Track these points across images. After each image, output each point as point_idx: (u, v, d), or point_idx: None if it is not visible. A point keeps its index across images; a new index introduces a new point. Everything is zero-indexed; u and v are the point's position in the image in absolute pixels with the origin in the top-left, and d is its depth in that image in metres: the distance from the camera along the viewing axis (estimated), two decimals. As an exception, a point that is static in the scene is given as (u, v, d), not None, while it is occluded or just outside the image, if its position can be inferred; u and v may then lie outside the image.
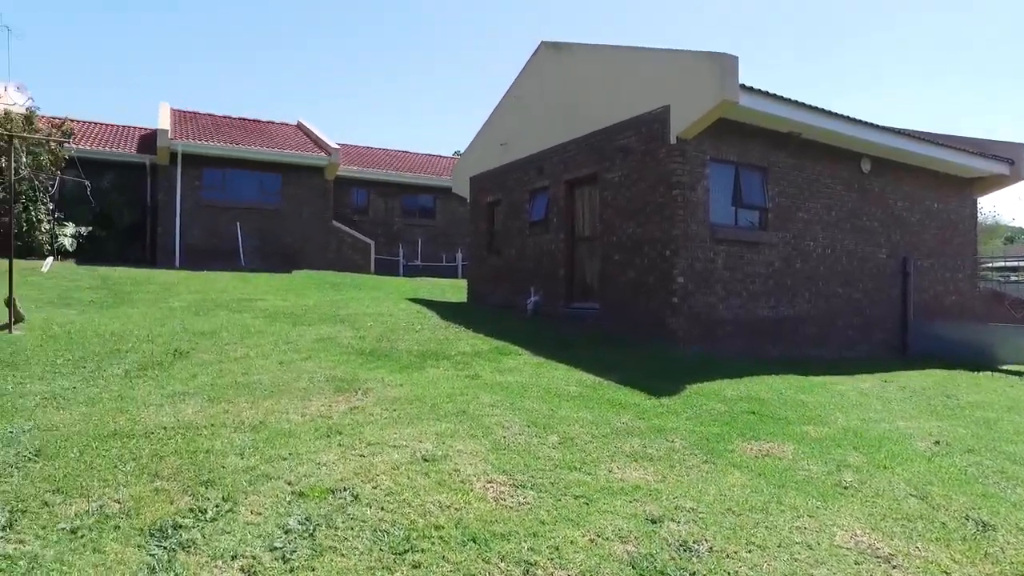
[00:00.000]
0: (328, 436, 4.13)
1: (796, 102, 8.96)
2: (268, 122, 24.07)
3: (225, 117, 23.28)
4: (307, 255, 20.12)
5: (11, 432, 4.02)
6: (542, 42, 12.42)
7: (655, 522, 3.21)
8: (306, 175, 20.44)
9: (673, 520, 3.25)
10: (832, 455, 4.47)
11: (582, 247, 11.02)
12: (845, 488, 3.88)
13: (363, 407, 4.83)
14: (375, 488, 3.37)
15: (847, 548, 3.11)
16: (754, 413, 5.49)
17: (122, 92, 75.68)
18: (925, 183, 11.69)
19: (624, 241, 9.56)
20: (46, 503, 3.09)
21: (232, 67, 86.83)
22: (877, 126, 10.15)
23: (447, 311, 10.97)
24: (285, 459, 3.71)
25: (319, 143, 21.62)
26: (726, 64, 7.93)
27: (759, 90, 8.49)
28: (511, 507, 3.28)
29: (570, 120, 11.04)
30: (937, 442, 5.00)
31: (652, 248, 8.97)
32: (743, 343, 9.05)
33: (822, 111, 9.32)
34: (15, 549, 2.69)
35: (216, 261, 18.42)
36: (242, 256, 19.29)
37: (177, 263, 18.17)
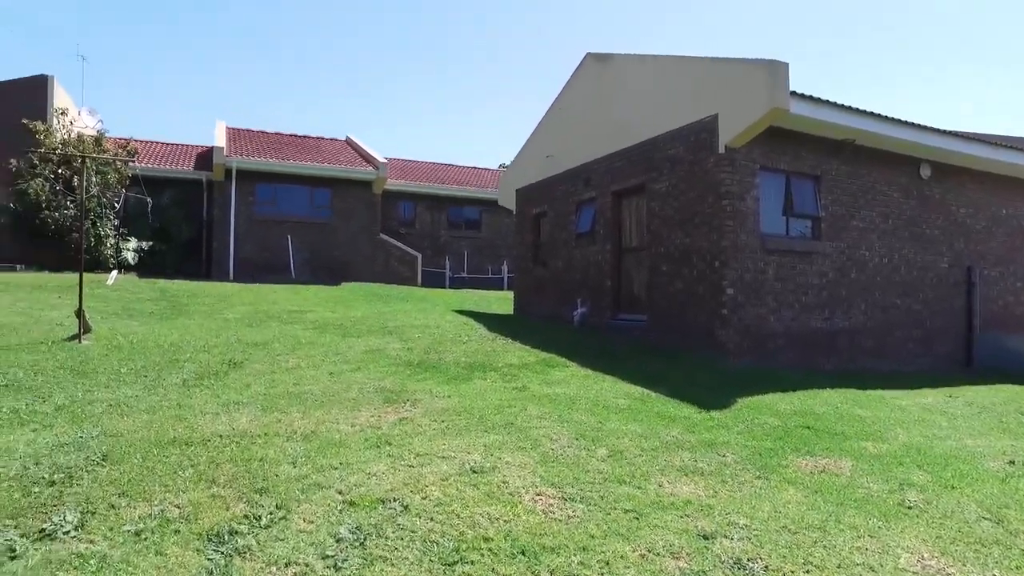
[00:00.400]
0: (378, 446, 4.19)
1: (851, 108, 8.72)
2: (318, 138, 24.71)
3: (277, 134, 24.01)
4: (355, 268, 20.51)
5: (81, 437, 4.21)
6: (587, 54, 12.43)
7: (707, 538, 3.14)
8: (354, 189, 20.88)
9: (726, 537, 3.17)
10: (894, 473, 4.30)
11: (629, 258, 10.93)
12: (909, 508, 3.71)
13: (412, 418, 4.88)
14: (424, 499, 3.39)
15: (913, 572, 2.97)
16: (809, 428, 5.33)
17: (181, 111, 78.88)
18: (991, 188, 11.19)
19: (672, 252, 9.44)
20: (113, 506, 3.21)
21: (284, 84, 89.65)
22: (938, 130, 9.79)
23: (493, 323, 11.01)
24: (336, 468, 3.77)
25: (367, 157, 22.08)
26: (776, 71, 7.79)
27: (811, 96, 8.30)
28: (560, 520, 3.25)
29: (616, 131, 11.00)
30: (1012, 462, 4.75)
31: (701, 259, 8.83)
32: (795, 356, 8.81)
33: (878, 116, 9.03)
34: (86, 548, 2.80)
35: (268, 274, 18.96)
36: (293, 269, 19.79)
37: (231, 276, 18.75)
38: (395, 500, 3.35)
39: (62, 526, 2.96)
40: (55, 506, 3.18)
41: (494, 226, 25.28)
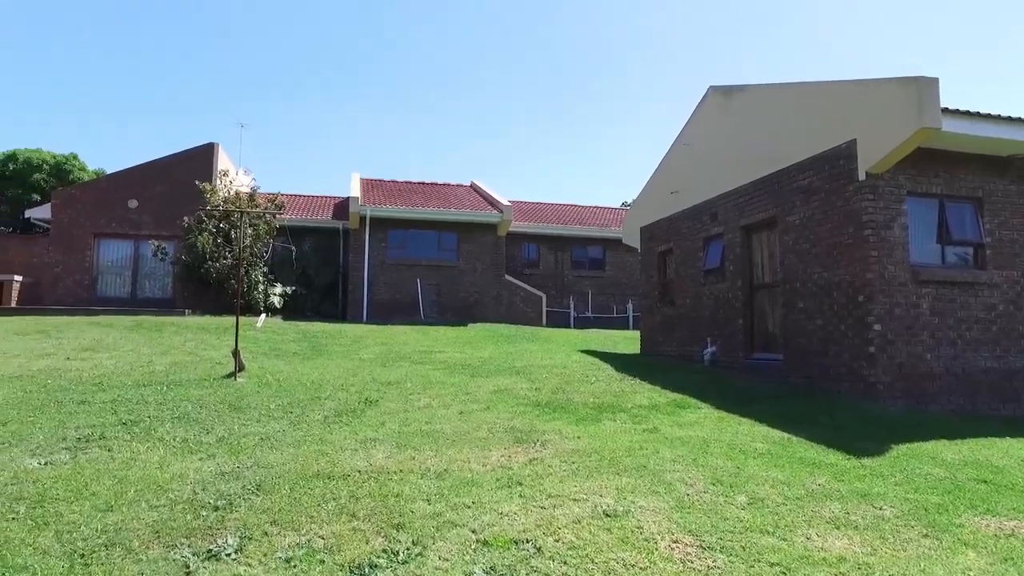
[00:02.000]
0: (509, 486, 4.20)
1: (1018, 119, 7.87)
2: (444, 184, 25.87)
3: (406, 182, 25.41)
4: (481, 308, 21.04)
5: (238, 467, 4.56)
6: (710, 87, 12.22)
7: (869, 601, 2.85)
8: (480, 232, 21.56)
9: (891, 600, 2.86)
10: (1097, 536, 3.71)
11: (761, 295, 10.42)
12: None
13: (542, 459, 4.87)
14: (557, 541, 3.35)
15: None
16: (986, 482, 4.73)
17: (320, 164, 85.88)
18: None
19: (809, 287, 8.90)
20: (266, 533, 3.43)
21: (412, 134, 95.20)
22: None
23: (621, 363, 10.83)
24: (469, 507, 3.82)
25: (491, 201, 22.79)
26: (924, 88, 7.22)
27: (967, 112, 7.60)
28: (699, 570, 3.09)
29: (744, 164, 10.65)
30: None
31: (842, 294, 8.25)
32: (961, 399, 7.92)
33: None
34: (245, 571, 3.02)
35: (399, 315, 19.87)
36: (422, 310, 20.62)
37: (365, 317, 19.82)
38: (528, 542, 3.33)
39: (224, 548, 3.21)
40: (219, 529, 3.45)
41: (618, 265, 25.09)
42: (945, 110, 7.34)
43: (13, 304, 17.76)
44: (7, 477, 4.27)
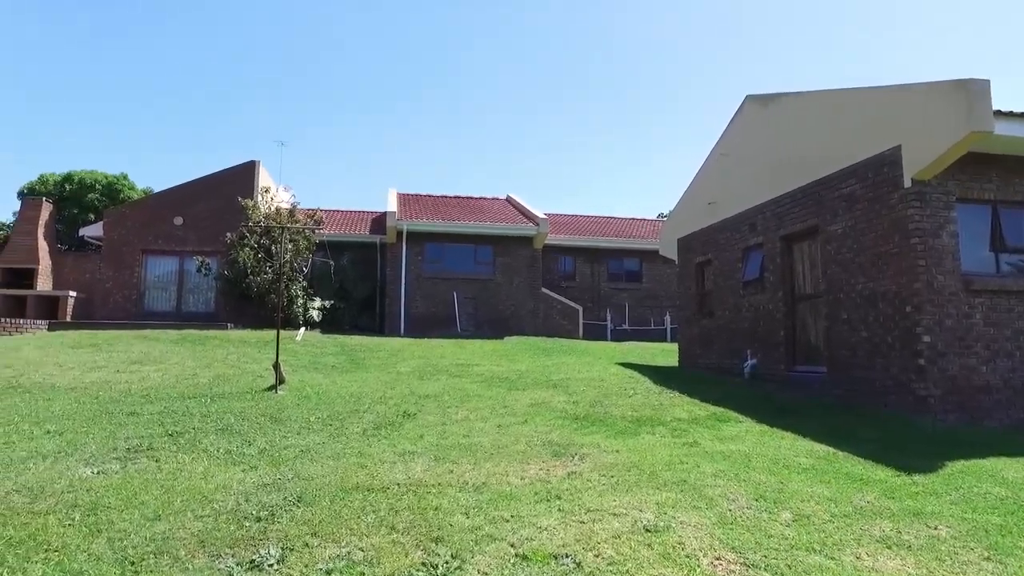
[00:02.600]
0: (548, 500, 4.17)
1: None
2: (480, 198, 26.04)
3: (442, 196, 25.66)
4: (518, 321, 21.04)
5: (279, 479, 4.63)
6: (747, 96, 12.08)
7: (924, 623, 2.74)
8: (516, 245, 21.61)
9: (948, 623, 2.74)
10: None
11: (803, 306, 10.19)
12: None
13: (580, 472, 4.82)
14: (597, 556, 3.30)
15: None
16: (1050, 501, 4.52)
17: (358, 179, 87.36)
18: None
19: (853, 298, 8.67)
20: (307, 544, 3.47)
21: (447, 148, 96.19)
22: None
23: (658, 375, 10.70)
24: (507, 521, 3.80)
25: (527, 214, 22.85)
26: (974, 90, 6.99)
27: (1021, 113, 7.34)
28: (744, 589, 3.01)
29: (782, 173, 10.47)
30: None
31: (888, 304, 8.01)
32: (1021, 413, 7.59)
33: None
34: (285, 584, 3.05)
35: (435, 328, 19.99)
36: (458, 323, 20.71)
37: (402, 331, 20.00)
38: (567, 556, 3.30)
39: (267, 559, 3.26)
40: (261, 540, 3.50)
41: (655, 277, 24.87)
42: (998, 112, 7.10)
43: (68, 318, 18.45)
44: (64, 485, 4.42)
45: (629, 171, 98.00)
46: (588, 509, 3.99)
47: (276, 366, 9.07)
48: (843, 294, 8.90)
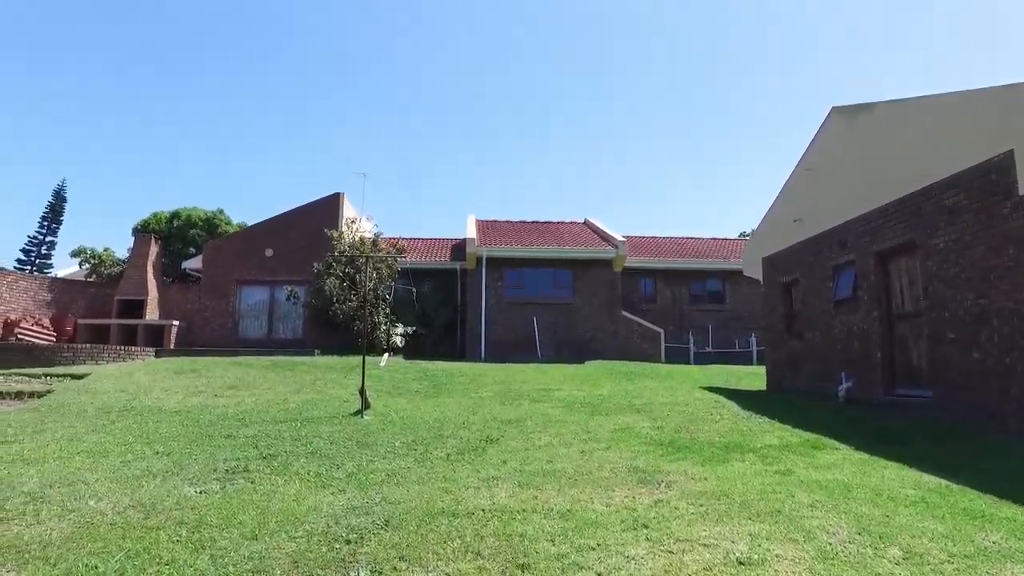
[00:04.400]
0: (635, 529, 4.06)
1: None
2: (558, 222, 26.10)
3: (520, 222, 25.88)
4: (597, 345, 20.81)
5: (367, 502, 4.73)
6: (833, 108, 11.60)
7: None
8: (594, 268, 21.48)
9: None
10: None
11: (902, 325, 9.59)
12: None
13: (667, 500, 4.68)
14: (688, 589, 3.18)
15: None
16: None
17: (438, 207, 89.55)
18: None
19: (961, 316, 8.08)
20: (395, 568, 3.51)
21: (525, 172, 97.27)
22: None
23: (746, 400, 10.30)
24: (594, 549, 3.72)
25: (605, 237, 22.70)
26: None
27: None
28: (851, 630, 2.81)
29: (874, 186, 9.97)
30: None
31: (1004, 323, 7.42)
32: None
33: None
34: (375, 608, 3.08)
35: (515, 353, 20.04)
36: (538, 348, 20.69)
37: (482, 356, 20.15)
38: (657, 587, 3.19)
39: (357, 583, 3.31)
40: (351, 562, 3.57)
41: (739, 298, 24.09)
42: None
43: (172, 345, 19.69)
44: (172, 503, 4.69)
45: (709, 191, 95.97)
46: (677, 539, 3.85)
47: (362, 391, 9.33)
48: (948, 312, 8.33)
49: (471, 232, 21.95)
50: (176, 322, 20.62)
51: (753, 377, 15.34)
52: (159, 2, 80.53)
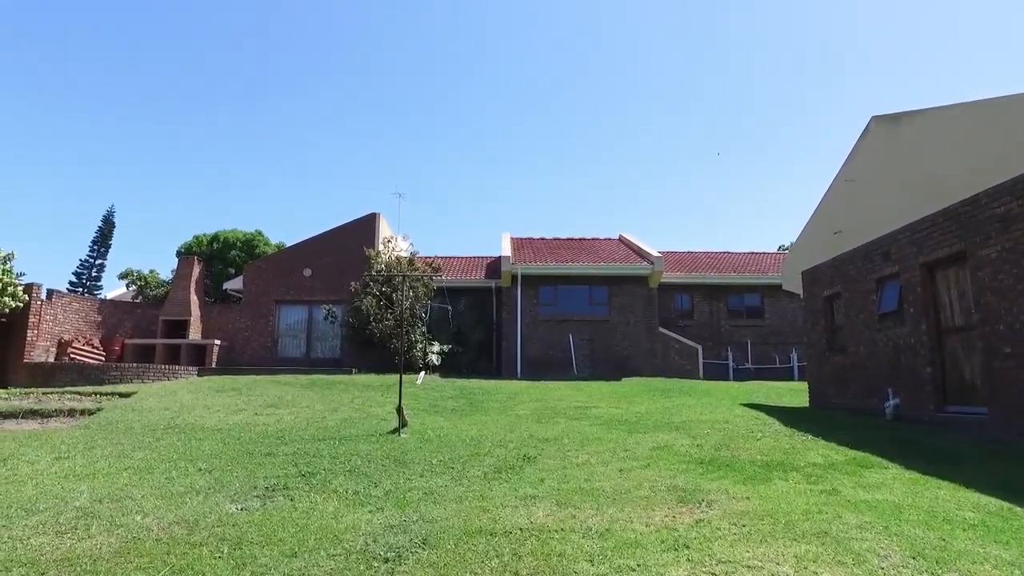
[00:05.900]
0: (675, 549, 3.97)
1: None
2: (592, 239, 26.01)
3: (555, 239, 25.87)
4: (634, 362, 20.58)
5: (404, 520, 4.73)
6: (873, 117, 11.36)
7: None
8: (630, 285, 21.30)
9: None
10: None
11: (953, 339, 9.26)
12: None
13: (708, 520, 4.57)
14: (733, 612, 3.08)
15: None
16: None
17: (473, 225, 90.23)
18: None
19: (1018, 329, 7.76)
20: (434, 589, 3.49)
21: (558, 190, 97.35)
22: None
23: (788, 417, 10.04)
24: (633, 570, 3.65)
25: (641, 253, 22.53)
26: None
27: None
28: (907, 658, 2.69)
29: (919, 196, 9.70)
30: None
31: (1060, 336, 7.10)
32: None
33: None
34: (413, 628, 3.06)
35: (551, 371, 19.93)
36: (575, 365, 20.54)
37: (518, 374, 20.08)
38: (700, 610, 3.10)
39: (395, 602, 3.30)
40: (389, 582, 3.56)
41: (779, 313, 23.61)
42: None
43: (213, 364, 20.12)
44: (214, 519, 4.77)
45: (746, 203, 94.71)
46: (719, 560, 3.75)
47: (399, 410, 9.37)
48: (1003, 325, 8.01)
49: (506, 250, 22.01)
50: (218, 341, 21.08)
51: (794, 394, 14.97)
52: (203, 30, 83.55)
